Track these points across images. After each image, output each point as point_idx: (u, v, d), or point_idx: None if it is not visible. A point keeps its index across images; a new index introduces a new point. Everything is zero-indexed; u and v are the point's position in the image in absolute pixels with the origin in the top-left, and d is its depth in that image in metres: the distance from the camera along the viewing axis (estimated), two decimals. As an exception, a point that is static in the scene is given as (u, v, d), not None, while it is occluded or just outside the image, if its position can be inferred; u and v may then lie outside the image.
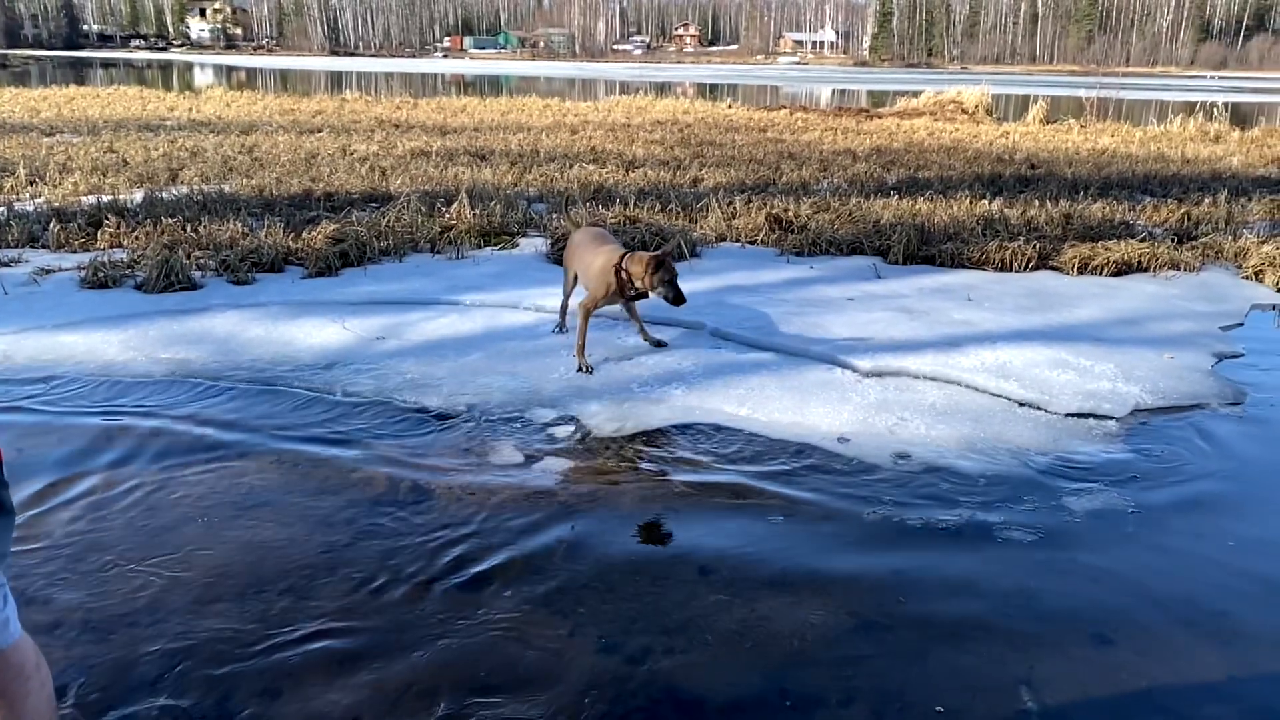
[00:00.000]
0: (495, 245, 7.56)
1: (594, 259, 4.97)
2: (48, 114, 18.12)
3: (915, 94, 25.38)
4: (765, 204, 8.68)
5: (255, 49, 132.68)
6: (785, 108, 24.44)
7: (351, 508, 3.43)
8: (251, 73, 58.73)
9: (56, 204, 8.23)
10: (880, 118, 21.44)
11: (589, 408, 4.39)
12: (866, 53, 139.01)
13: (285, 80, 46.89)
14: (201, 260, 6.44)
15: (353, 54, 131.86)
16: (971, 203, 9.05)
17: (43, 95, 23.16)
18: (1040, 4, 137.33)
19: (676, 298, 4.67)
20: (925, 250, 7.38)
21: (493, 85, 45.02)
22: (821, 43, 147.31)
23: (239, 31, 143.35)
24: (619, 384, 4.70)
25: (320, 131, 15.27)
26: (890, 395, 4.59)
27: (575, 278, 5.25)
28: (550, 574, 3.05)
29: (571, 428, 4.19)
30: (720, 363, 5.02)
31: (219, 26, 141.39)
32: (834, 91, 45.69)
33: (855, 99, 37.84)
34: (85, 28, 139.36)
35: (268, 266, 6.49)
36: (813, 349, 5.20)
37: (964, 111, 21.99)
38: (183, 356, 4.91)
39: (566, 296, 5.43)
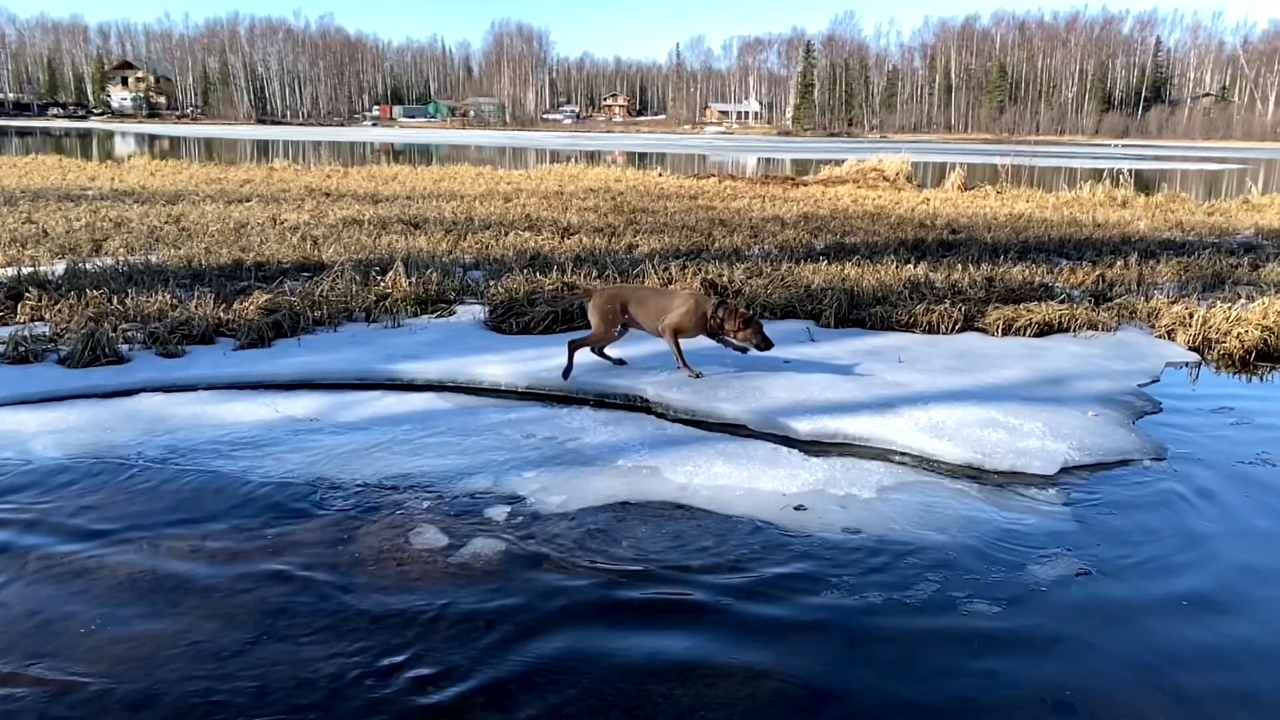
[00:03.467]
0: (432, 313, 7.53)
1: (674, 303, 5.96)
2: (-40, 184, 17.61)
3: (838, 162, 26.22)
4: (700, 269, 8.83)
5: (179, 118, 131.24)
6: (714, 176, 25.00)
7: (265, 604, 3.28)
8: (175, 141, 58.04)
9: (-28, 276, 7.97)
10: (806, 185, 22.05)
11: (530, 485, 4.33)
12: (789, 123, 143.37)
13: (210, 149, 46.39)
14: (129, 333, 6.28)
15: (280, 123, 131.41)
16: (898, 267, 9.32)
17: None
18: (954, 76, 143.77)
19: (764, 344, 5.78)
20: (856, 314, 7.56)
21: (423, 153, 45.15)
22: (746, 113, 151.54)
23: (162, 100, 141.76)
24: (563, 460, 4.66)
25: (249, 200, 15.12)
26: (837, 469, 4.62)
27: (622, 325, 6.04)
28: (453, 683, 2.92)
29: (507, 508, 4.09)
30: (664, 436, 5.05)
31: (142, 95, 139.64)
32: (759, 160, 46.90)
33: (780, 167, 38.92)
34: (0, 96, 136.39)
35: (198, 338, 6.36)
36: (754, 415, 5.26)
37: (885, 179, 22.75)
38: (108, 440, 4.73)
39: (604, 345, 6.16)
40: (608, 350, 6.27)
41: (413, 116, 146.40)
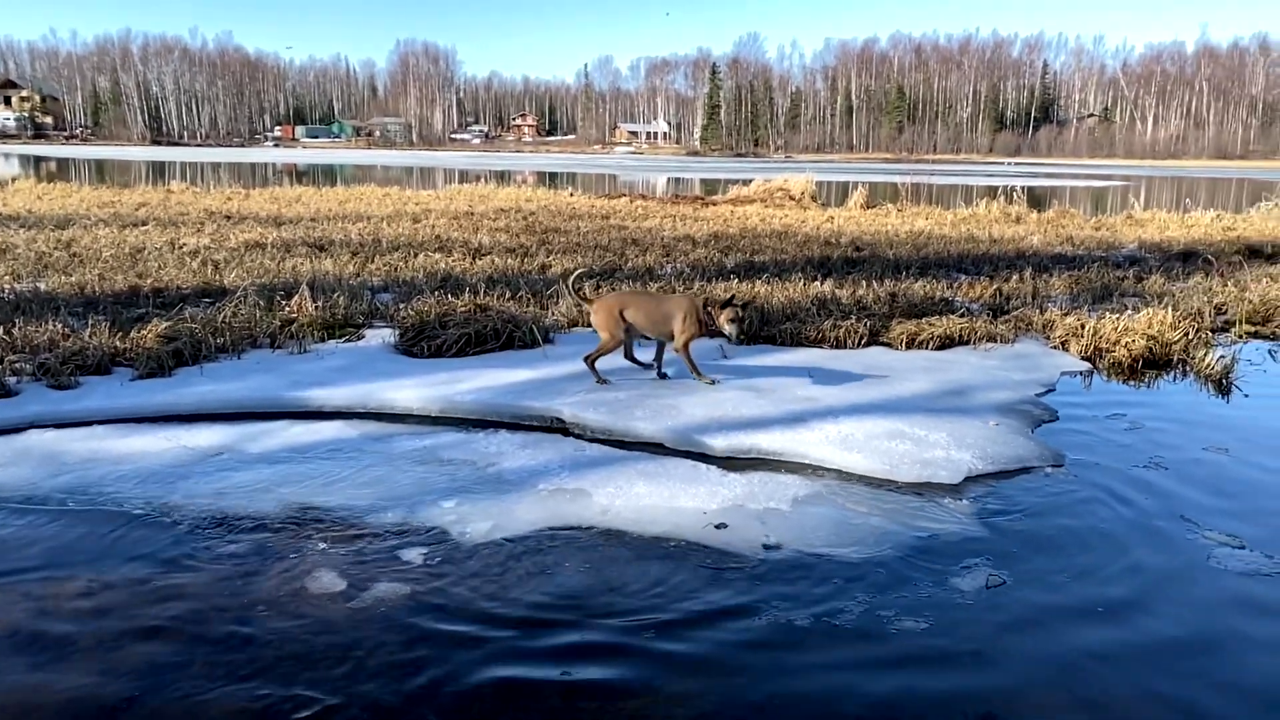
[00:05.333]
0: (340, 338, 7.38)
1: (672, 309, 6.12)
2: None
3: (745, 182, 26.69)
4: (614, 289, 8.86)
5: (68, 138, 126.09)
6: (626, 195, 25.16)
7: (153, 656, 3.10)
8: (64, 163, 55.64)
9: None
10: (715, 205, 22.36)
11: (447, 516, 4.24)
12: (698, 143, 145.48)
13: (102, 171, 44.60)
14: (16, 364, 5.99)
15: (177, 143, 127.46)
16: (805, 284, 9.53)
17: None
18: (854, 97, 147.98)
19: (743, 323, 6.02)
20: (766, 330, 7.70)
21: (327, 174, 44.26)
22: (655, 133, 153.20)
23: (49, 120, 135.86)
24: (481, 487, 4.61)
25: (145, 224, 14.59)
26: (754, 484, 4.68)
27: (627, 330, 6.24)
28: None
29: (423, 544, 3.97)
30: (584, 457, 5.03)
31: (26, 115, 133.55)
32: (669, 180, 47.43)
33: (689, 187, 39.41)
34: None
35: (93, 368, 6.10)
36: (671, 433, 5.30)
37: (791, 198, 23.24)
38: (13, 477, 4.51)
39: (614, 352, 6.38)
40: (636, 355, 6.58)
41: (316, 137, 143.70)
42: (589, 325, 8.06)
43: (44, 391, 5.73)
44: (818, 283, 9.70)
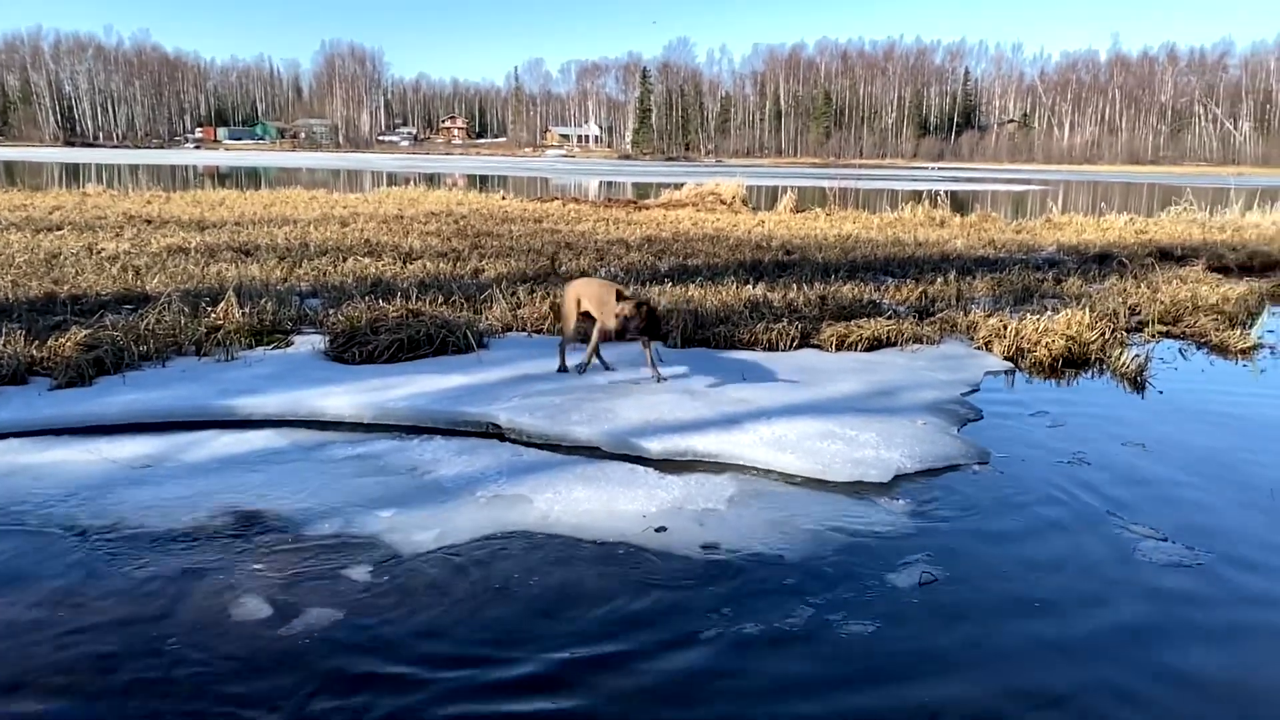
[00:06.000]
0: (268, 344, 7.24)
1: (609, 294, 6.16)
2: None
3: (677, 186, 26.83)
4: (549, 294, 8.86)
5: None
6: (558, 199, 25.11)
7: (53, 693, 2.94)
8: (-31, 165, 53.40)
9: None
10: (648, 209, 22.46)
11: (383, 526, 4.19)
12: (629, 146, 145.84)
13: (11, 173, 42.87)
14: (-77, 376, 5.75)
15: (92, 145, 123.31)
16: (738, 288, 9.64)
17: None
18: (783, 102, 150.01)
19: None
20: (700, 334, 7.78)
21: (251, 177, 43.28)
22: (586, 136, 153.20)
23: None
24: (418, 496, 4.57)
25: (60, 229, 14.08)
26: (691, 486, 4.72)
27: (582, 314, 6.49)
28: None
29: (359, 556, 3.89)
30: (521, 462, 5.02)
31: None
32: (601, 183, 47.45)
33: (622, 190, 39.50)
34: None
35: (8, 378, 5.88)
36: (607, 437, 5.32)
37: (722, 202, 23.46)
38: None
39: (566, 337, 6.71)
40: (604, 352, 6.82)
41: (239, 139, 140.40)
42: (523, 330, 8.06)
43: (-47, 404, 5.50)
44: (750, 286, 9.82)
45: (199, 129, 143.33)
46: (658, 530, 4.24)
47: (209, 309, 7.68)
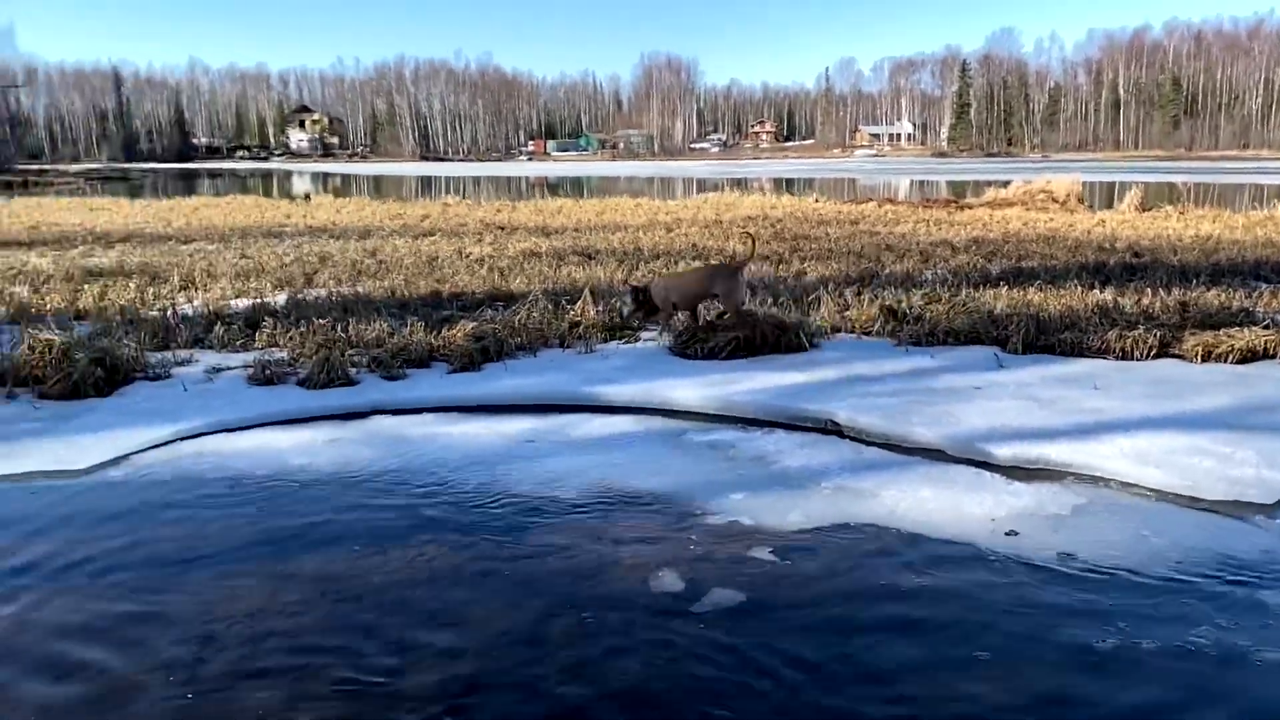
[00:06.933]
0: (619, 339, 7.91)
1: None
2: (179, 223, 19.48)
3: (1003, 184, 25.51)
4: (876, 295, 8.89)
5: (351, 156, 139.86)
6: (872, 200, 24.80)
7: (490, 632, 3.46)
8: (346, 179, 61.92)
9: (212, 307, 8.90)
10: (970, 208, 21.59)
11: (736, 507, 4.54)
12: (945, 143, 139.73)
13: (379, 185, 49.16)
14: (354, 357, 6.90)
15: (441, 159, 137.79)
16: (1082, 292, 9.10)
17: (169, 206, 24.90)
18: (1122, 91, 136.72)
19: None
20: (1043, 340, 7.45)
21: (575, 186, 46.49)
22: (898, 135, 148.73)
23: (335, 140, 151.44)
24: (769, 482, 4.86)
25: (432, 235, 16.10)
26: (1043, 494, 4.64)
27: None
28: None
29: (731, 534, 4.28)
30: (862, 460, 5.18)
31: (317, 136, 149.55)
32: (912, 183, 46.04)
33: (935, 190, 38.11)
34: (195, 140, 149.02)
35: (416, 362, 6.93)
36: (950, 440, 5.32)
37: (1055, 200, 22.01)
38: (354, 456, 5.24)
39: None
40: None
41: (565, 150, 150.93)
42: (851, 331, 8.16)
43: (378, 382, 6.58)
44: (1096, 290, 9.24)
45: (531, 142, 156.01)
46: (1008, 534, 4.22)
47: (568, 307, 8.51)
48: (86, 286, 10.08)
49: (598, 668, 3.19)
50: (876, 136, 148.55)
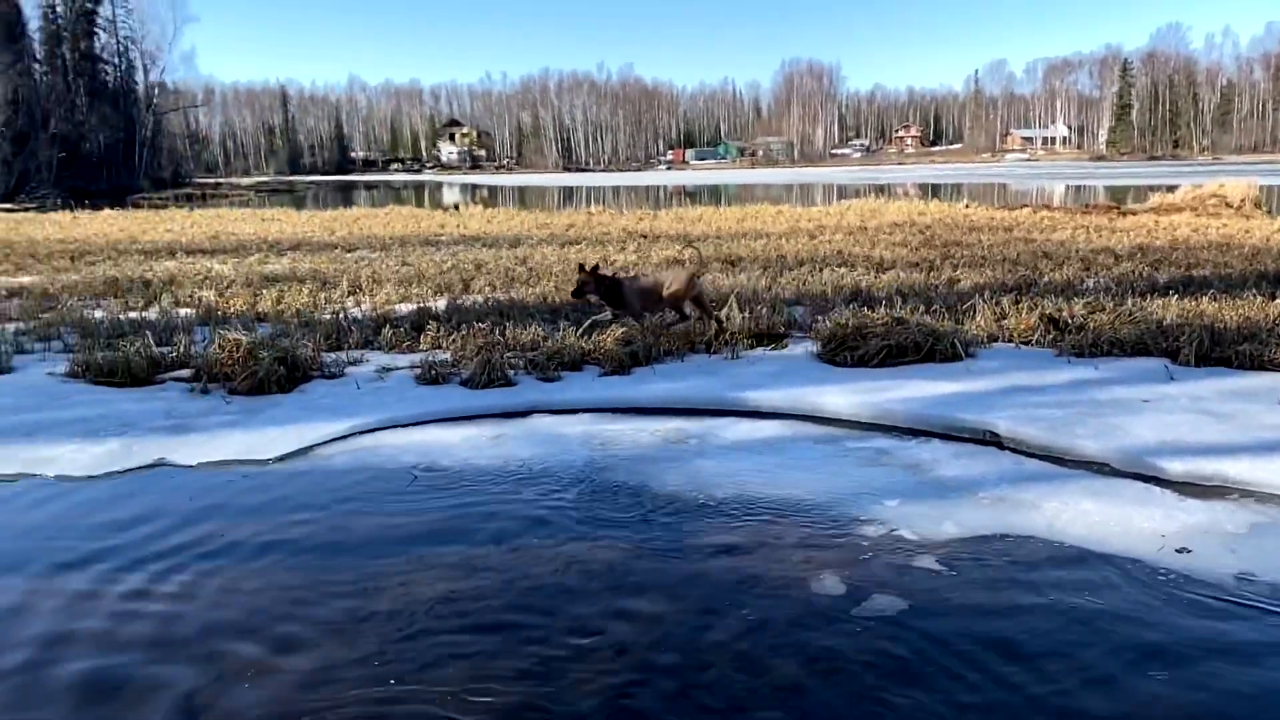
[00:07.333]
0: (767, 346, 7.94)
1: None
2: (341, 233, 20.63)
3: (1170, 188, 24.12)
4: (1035, 304, 8.61)
5: (497, 168, 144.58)
6: (1027, 206, 23.88)
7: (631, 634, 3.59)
8: (493, 190, 64.05)
9: (379, 311, 9.43)
10: (1133, 214, 20.52)
11: (889, 514, 4.51)
12: (1103, 146, 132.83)
13: (523, 196, 50.59)
14: (512, 359, 7.19)
15: (583, 169, 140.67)
16: (1263, 302, 8.55)
17: (331, 216, 26.40)
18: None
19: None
20: (1218, 352, 7.05)
21: (713, 194, 46.58)
22: (1052, 138, 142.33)
23: (483, 153, 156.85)
24: (924, 490, 4.82)
25: (579, 243, 16.51)
26: (1218, 512, 4.42)
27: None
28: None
29: (885, 541, 4.29)
30: (1021, 471, 5.05)
31: (465, 149, 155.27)
32: (1067, 187, 44.04)
33: (1092, 195, 36.31)
34: (352, 154, 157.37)
35: (569, 365, 7.16)
36: (1118, 454, 5.13)
37: (1228, 205, 20.66)
38: (516, 453, 5.46)
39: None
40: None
41: (704, 159, 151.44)
42: (1009, 340, 7.92)
43: (534, 383, 6.84)
44: (1277, 301, 8.66)
45: (670, 151, 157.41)
46: (1179, 551, 4.05)
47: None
48: (265, 291, 10.84)
49: (761, 664, 3.25)
50: (1029, 140, 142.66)
